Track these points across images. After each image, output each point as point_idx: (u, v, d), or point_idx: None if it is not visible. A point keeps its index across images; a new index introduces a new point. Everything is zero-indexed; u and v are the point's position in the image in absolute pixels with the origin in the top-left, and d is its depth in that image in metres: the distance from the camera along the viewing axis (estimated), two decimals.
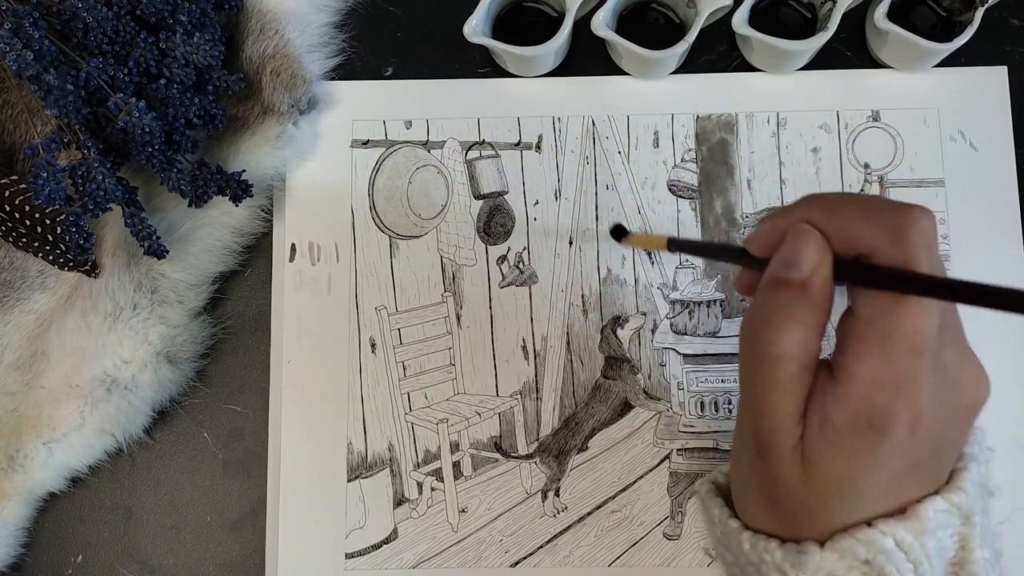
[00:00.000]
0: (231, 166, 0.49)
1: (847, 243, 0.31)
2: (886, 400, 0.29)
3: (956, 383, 0.31)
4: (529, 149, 0.52)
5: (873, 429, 0.29)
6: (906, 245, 0.29)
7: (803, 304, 0.31)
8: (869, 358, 0.29)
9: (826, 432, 0.30)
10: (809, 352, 0.31)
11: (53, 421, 0.47)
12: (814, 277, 0.30)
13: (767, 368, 0.31)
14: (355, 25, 0.53)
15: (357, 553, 0.48)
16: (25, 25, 0.42)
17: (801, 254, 0.31)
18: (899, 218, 0.30)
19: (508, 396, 0.50)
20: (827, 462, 0.30)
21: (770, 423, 0.31)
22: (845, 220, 0.31)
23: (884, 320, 0.29)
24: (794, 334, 0.30)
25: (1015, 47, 0.52)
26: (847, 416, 0.30)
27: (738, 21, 0.48)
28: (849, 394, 0.30)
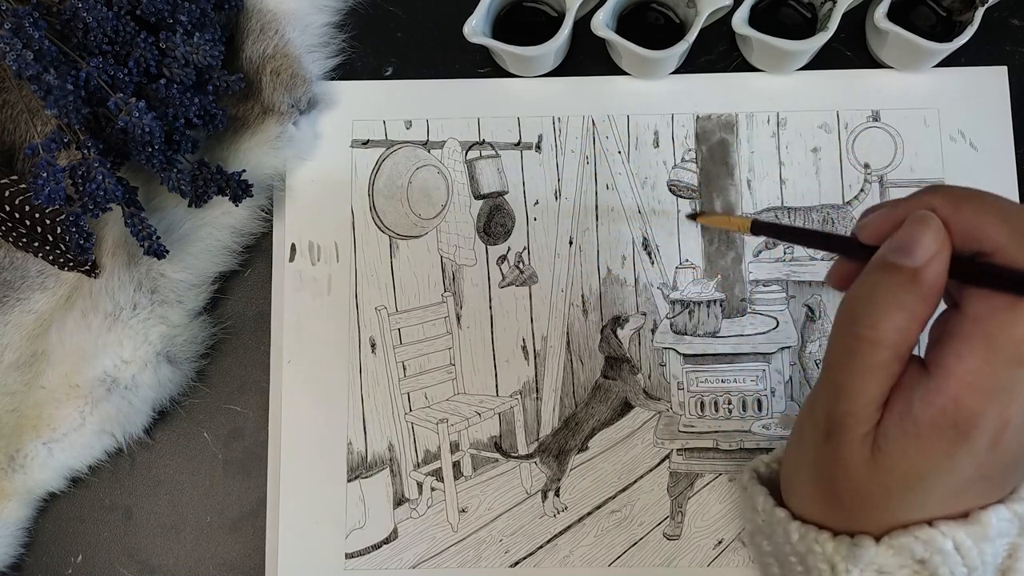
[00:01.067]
0: (231, 166, 0.49)
1: (969, 238, 0.30)
2: (978, 403, 0.28)
3: None
4: (529, 149, 0.52)
5: (957, 430, 0.29)
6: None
7: (911, 292, 0.29)
8: (970, 358, 0.29)
9: (905, 424, 0.29)
10: (907, 342, 0.30)
11: (53, 421, 0.47)
12: (928, 268, 0.29)
13: (860, 350, 0.30)
14: (355, 25, 0.53)
15: (357, 553, 0.48)
16: (25, 25, 0.42)
17: (918, 242, 0.29)
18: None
19: (508, 396, 0.50)
20: (900, 454, 0.29)
21: (848, 405, 0.30)
22: (972, 215, 0.30)
23: (994, 322, 0.28)
24: (895, 320, 0.29)
25: (1015, 47, 0.52)
26: (933, 412, 0.29)
27: (738, 21, 0.48)
28: (941, 390, 0.29)
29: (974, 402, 0.28)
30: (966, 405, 0.28)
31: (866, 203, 0.51)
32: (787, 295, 0.50)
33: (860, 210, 0.51)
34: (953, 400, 0.29)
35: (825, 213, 0.51)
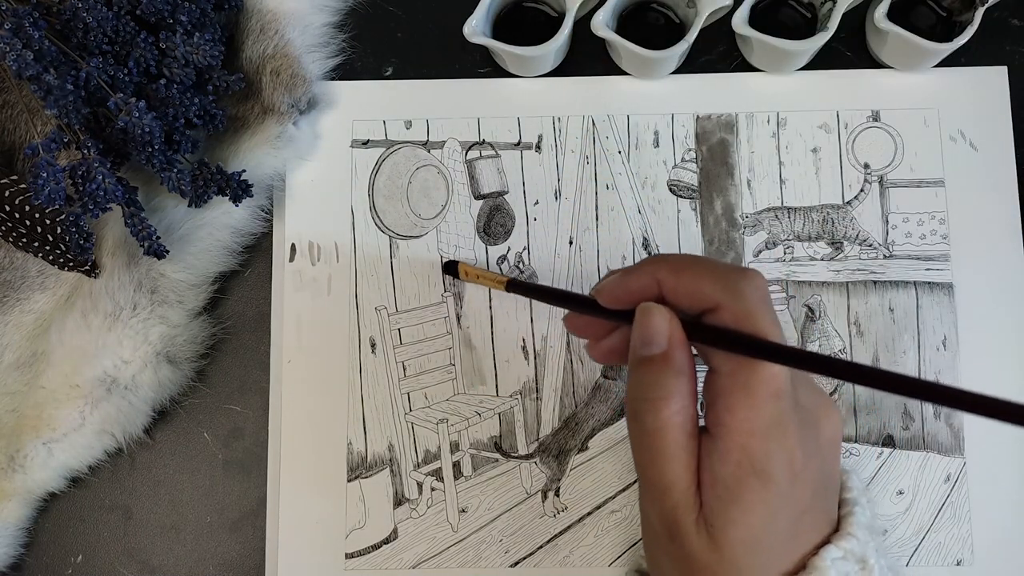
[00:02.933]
0: (231, 166, 0.49)
1: (695, 300, 0.33)
2: (762, 445, 0.31)
3: (814, 420, 0.33)
4: (529, 149, 0.52)
5: (758, 477, 0.31)
6: (745, 301, 0.32)
7: (670, 374, 0.33)
8: (738, 408, 0.31)
9: (719, 491, 0.32)
10: (689, 418, 0.33)
11: (53, 421, 0.47)
12: (672, 346, 0.33)
13: (657, 443, 0.32)
14: (355, 25, 0.53)
15: (357, 553, 0.48)
16: (25, 25, 0.42)
17: (654, 329, 0.33)
18: (737, 277, 0.32)
19: (508, 396, 0.50)
20: (728, 523, 0.31)
21: (671, 500, 0.32)
22: (691, 279, 0.33)
23: (743, 372, 0.31)
24: (671, 405, 0.32)
25: (1015, 47, 0.52)
26: (732, 468, 0.31)
27: (738, 21, 0.48)
28: (729, 447, 0.31)
29: (759, 445, 0.31)
30: (754, 450, 0.31)
31: (866, 203, 0.51)
32: (787, 295, 0.50)
33: (860, 210, 0.51)
34: (742, 450, 0.31)
35: (825, 213, 0.51)
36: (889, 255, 0.50)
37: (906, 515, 0.48)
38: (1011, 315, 0.49)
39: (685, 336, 0.33)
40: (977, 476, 0.48)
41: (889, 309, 0.50)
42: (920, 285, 0.50)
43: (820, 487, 0.33)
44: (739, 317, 0.32)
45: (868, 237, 0.50)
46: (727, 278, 0.32)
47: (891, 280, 0.50)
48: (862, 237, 0.50)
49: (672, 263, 0.34)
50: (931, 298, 0.50)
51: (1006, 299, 0.49)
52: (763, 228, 0.51)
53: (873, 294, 0.50)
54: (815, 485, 0.32)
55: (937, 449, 0.48)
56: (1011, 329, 0.49)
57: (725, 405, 0.32)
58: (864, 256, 0.50)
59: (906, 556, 0.47)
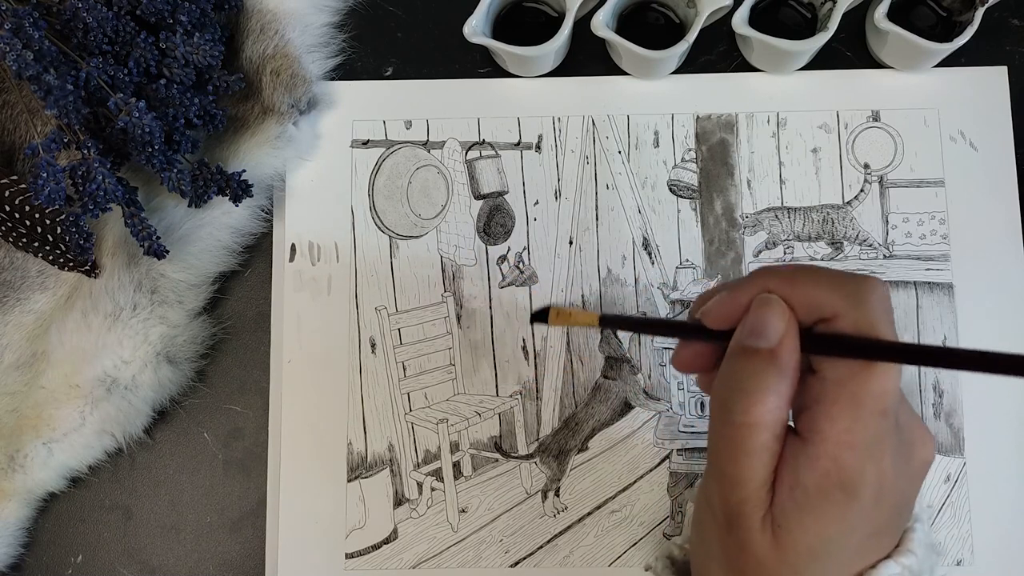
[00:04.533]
0: (231, 166, 0.49)
1: (809, 310, 0.32)
2: (856, 460, 0.30)
3: (910, 443, 0.32)
4: (529, 149, 0.52)
5: (843, 490, 0.30)
6: (868, 309, 0.30)
7: (773, 372, 0.31)
8: (840, 419, 0.30)
9: (797, 496, 0.31)
10: (780, 420, 0.31)
11: (53, 421, 0.47)
12: (783, 345, 0.31)
13: (741, 437, 0.31)
14: (355, 25, 0.53)
15: (357, 553, 0.48)
16: (25, 25, 0.42)
17: (768, 323, 0.31)
18: (860, 285, 0.31)
19: (508, 396, 0.50)
20: (799, 528, 0.31)
21: (741, 493, 0.31)
22: (807, 288, 0.32)
23: (852, 382, 0.30)
24: (767, 403, 0.31)
25: (1015, 47, 0.52)
26: (818, 477, 0.30)
27: (738, 21, 0.48)
28: (820, 455, 0.30)
29: (853, 459, 0.30)
30: (847, 464, 0.30)
31: (866, 203, 0.51)
32: None
33: (860, 210, 0.51)
34: (834, 461, 0.30)
35: (825, 213, 0.51)
36: (889, 255, 0.50)
37: None
38: (1011, 315, 0.49)
39: (798, 337, 0.31)
40: (977, 476, 0.48)
41: None
42: (920, 285, 0.50)
43: (898, 510, 0.32)
44: (861, 327, 0.30)
45: (868, 237, 0.50)
46: (847, 286, 0.31)
47: (891, 280, 0.50)
48: (862, 237, 0.50)
49: (783, 274, 0.32)
50: (931, 298, 0.50)
51: (1006, 299, 0.49)
52: (763, 228, 0.51)
53: None
54: (895, 507, 0.31)
55: (937, 449, 0.48)
56: (1011, 329, 0.49)
57: (826, 413, 0.30)
58: (864, 256, 0.50)
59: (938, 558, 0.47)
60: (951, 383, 0.49)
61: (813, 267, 0.32)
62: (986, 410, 0.49)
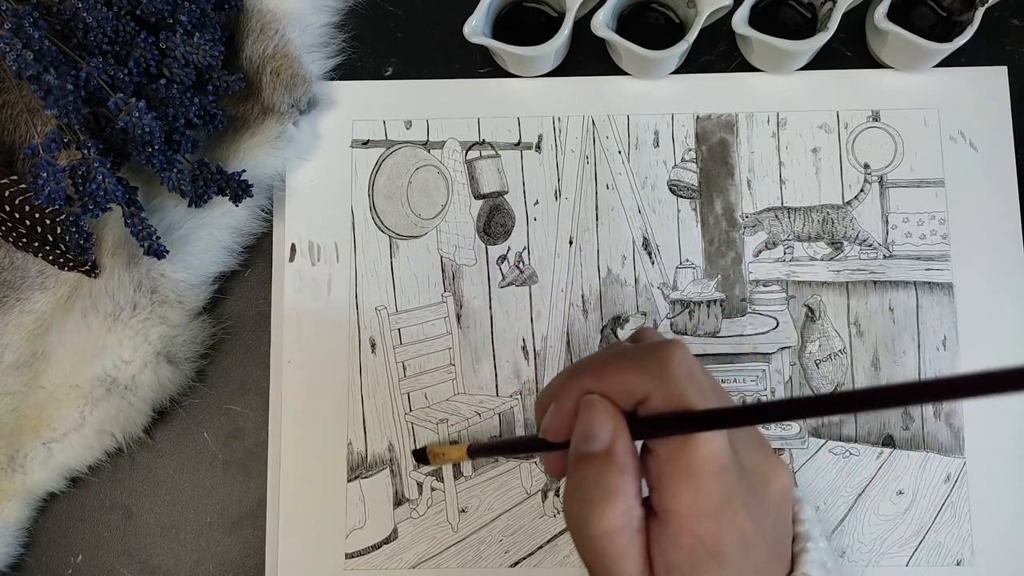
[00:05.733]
0: (231, 166, 0.49)
1: (625, 396, 0.32)
2: (713, 527, 0.30)
3: (762, 480, 0.32)
4: (529, 149, 0.52)
5: (712, 557, 0.30)
6: (669, 381, 0.31)
7: (614, 473, 0.31)
8: (682, 494, 0.30)
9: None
10: (635, 517, 0.31)
11: (53, 421, 0.47)
12: (615, 443, 0.31)
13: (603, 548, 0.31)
14: (355, 25, 0.53)
15: (357, 553, 0.48)
16: (25, 25, 0.42)
17: (597, 425, 0.32)
18: (656, 358, 0.31)
19: (508, 396, 0.50)
20: None
21: None
22: (615, 377, 0.32)
23: (681, 455, 0.30)
24: (616, 507, 0.31)
25: (1015, 47, 0.52)
26: (685, 553, 0.31)
27: (738, 21, 0.48)
28: (679, 532, 0.31)
29: (709, 527, 0.30)
30: (706, 533, 0.30)
31: (866, 203, 0.51)
32: (787, 295, 0.50)
33: (860, 210, 0.51)
34: (693, 535, 0.30)
35: (825, 213, 0.51)
36: (889, 255, 0.50)
37: (906, 515, 0.48)
38: (1011, 315, 0.49)
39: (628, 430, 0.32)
40: (977, 476, 0.48)
41: (889, 309, 0.50)
42: (920, 285, 0.50)
43: (773, 543, 0.32)
44: (669, 399, 0.31)
45: (868, 237, 0.50)
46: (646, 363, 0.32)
47: (891, 280, 0.50)
48: (862, 237, 0.50)
49: (592, 369, 0.33)
50: (931, 298, 0.50)
51: (1006, 299, 0.49)
52: (763, 228, 0.51)
53: (873, 294, 0.50)
54: (769, 546, 0.32)
55: (937, 449, 0.48)
56: (1011, 329, 0.49)
57: (669, 492, 0.31)
58: (864, 256, 0.50)
59: (906, 556, 0.47)
60: None
61: (617, 353, 0.33)
62: (986, 410, 0.49)
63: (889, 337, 0.50)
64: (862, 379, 0.49)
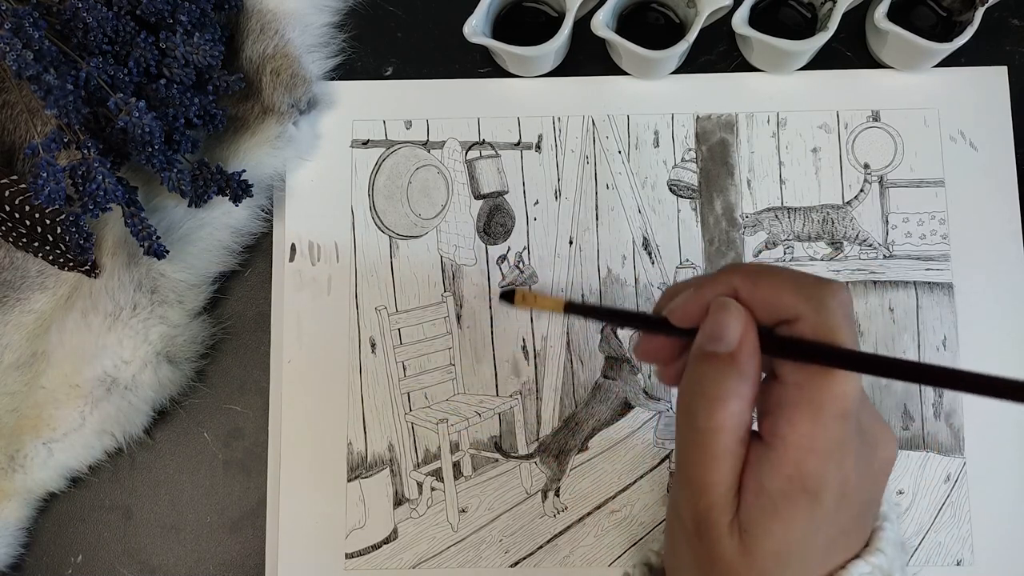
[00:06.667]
0: (231, 166, 0.49)
1: (771, 311, 0.31)
2: (819, 464, 0.30)
3: (872, 443, 0.32)
4: (529, 149, 0.52)
5: (807, 494, 0.30)
6: (828, 314, 0.30)
7: (733, 376, 0.31)
8: (800, 423, 0.30)
9: (762, 501, 0.31)
10: (743, 425, 0.31)
11: (53, 421, 0.47)
12: (741, 349, 0.31)
13: (705, 442, 0.31)
14: (355, 25, 0.53)
15: (357, 553, 0.48)
16: (25, 25, 0.42)
17: (726, 327, 0.31)
18: (821, 289, 0.31)
19: (508, 396, 0.50)
20: (765, 533, 0.31)
21: (708, 499, 0.31)
22: (769, 289, 0.31)
23: (812, 386, 0.30)
24: (728, 407, 0.31)
25: (1015, 47, 0.52)
26: (782, 482, 0.30)
27: (738, 21, 0.48)
28: (783, 460, 0.30)
29: (815, 464, 0.30)
30: (809, 468, 0.30)
31: (866, 203, 0.51)
32: None
33: (860, 210, 0.51)
34: (796, 466, 0.30)
35: (825, 213, 0.51)
36: (889, 255, 0.50)
37: (906, 515, 0.48)
38: (1011, 315, 0.49)
39: (757, 340, 0.31)
40: (977, 476, 0.48)
41: (889, 309, 0.50)
42: (920, 285, 0.50)
43: (864, 510, 0.32)
44: (820, 330, 0.30)
45: (868, 237, 0.50)
46: (809, 289, 0.31)
47: (891, 280, 0.50)
48: (862, 237, 0.50)
49: (748, 272, 0.32)
50: (931, 298, 0.50)
51: (1006, 299, 0.49)
52: (763, 228, 0.51)
53: (873, 294, 0.50)
54: (860, 508, 0.32)
55: (937, 449, 0.48)
56: (1011, 329, 0.49)
57: (787, 418, 0.30)
58: (864, 256, 0.50)
59: (906, 556, 0.47)
60: None
61: (778, 268, 0.32)
62: (986, 410, 0.49)
63: (889, 337, 0.50)
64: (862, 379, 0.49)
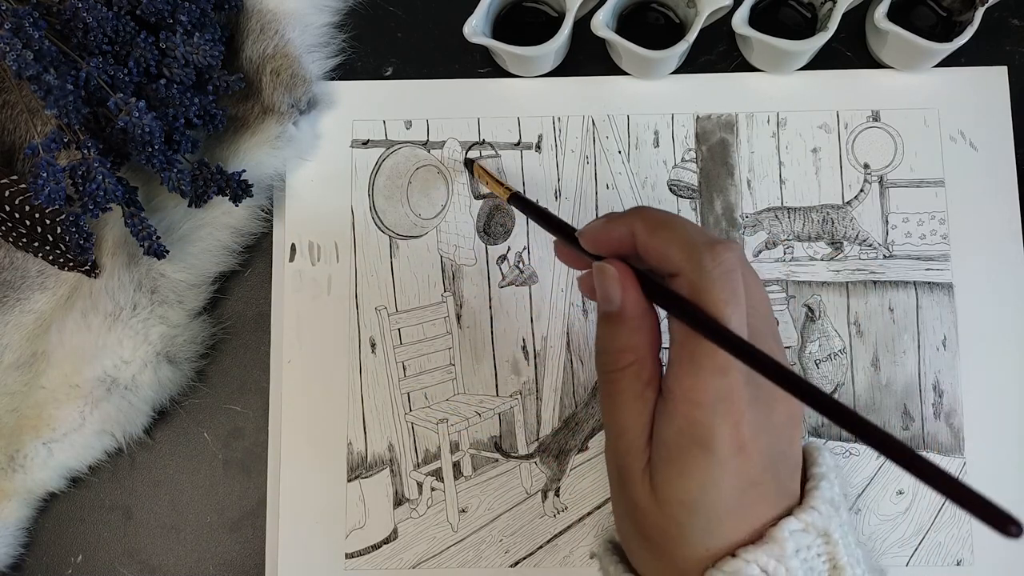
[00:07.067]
0: (231, 166, 0.49)
1: (661, 262, 0.33)
2: (705, 416, 0.31)
3: (770, 397, 0.32)
4: (529, 149, 0.52)
5: (699, 445, 0.31)
6: (703, 274, 0.31)
7: (624, 330, 0.34)
8: (684, 377, 0.31)
9: (661, 451, 0.32)
10: (645, 370, 0.34)
11: (53, 421, 0.47)
12: (624, 307, 0.34)
13: (612, 391, 0.34)
14: (355, 25, 0.53)
15: (357, 553, 0.48)
16: (25, 25, 0.42)
17: (608, 289, 0.34)
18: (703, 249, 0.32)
19: (508, 396, 0.50)
20: (666, 482, 0.32)
21: (623, 444, 0.33)
22: (660, 241, 0.33)
23: (690, 341, 0.31)
24: (626, 357, 0.34)
25: (1015, 47, 0.52)
26: (674, 434, 0.31)
27: (738, 21, 0.48)
28: (674, 412, 0.31)
29: (702, 416, 0.31)
30: (696, 420, 0.31)
31: (866, 203, 0.51)
32: (787, 295, 0.50)
33: (860, 210, 0.51)
34: (685, 418, 0.31)
35: (825, 213, 0.51)
36: (889, 255, 0.50)
37: (906, 515, 0.48)
38: (1011, 315, 0.49)
39: (641, 295, 0.34)
40: (977, 476, 0.48)
41: (889, 309, 0.50)
42: (920, 285, 0.50)
43: (771, 462, 0.32)
44: (695, 289, 0.31)
45: (868, 237, 0.50)
46: (692, 247, 0.32)
47: (891, 280, 0.50)
48: (862, 237, 0.50)
49: (647, 219, 0.34)
50: (931, 298, 0.50)
51: (1006, 299, 0.49)
52: (763, 228, 0.51)
53: (873, 294, 0.50)
54: (765, 460, 0.32)
55: (937, 449, 0.48)
56: (1011, 329, 0.49)
57: (673, 372, 0.32)
58: (864, 256, 0.50)
59: (906, 556, 0.47)
60: (951, 383, 0.49)
61: (677, 220, 0.34)
62: (986, 410, 0.49)
63: (889, 337, 0.50)
64: (862, 379, 0.49)
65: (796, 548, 0.31)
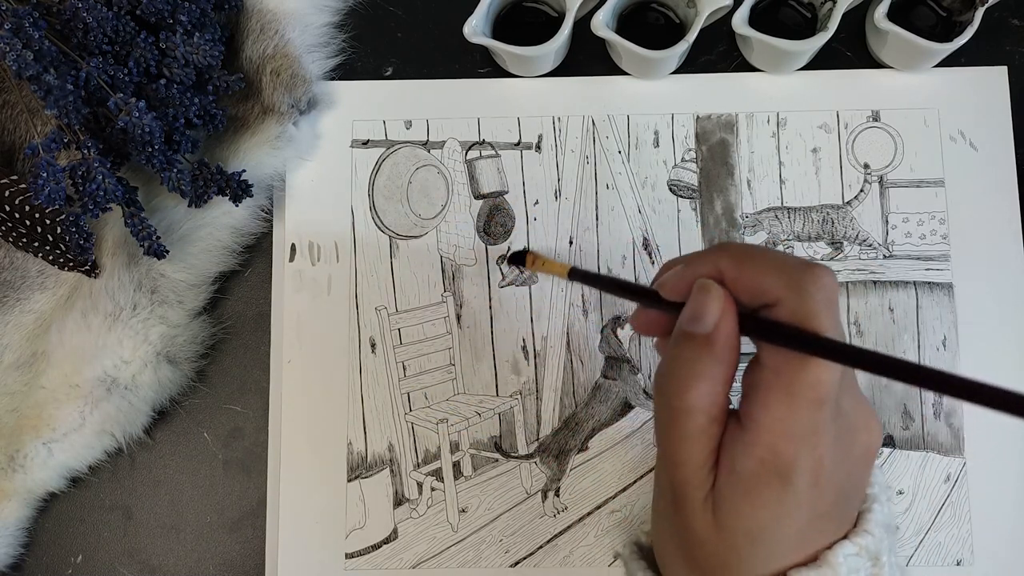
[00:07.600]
0: (231, 166, 0.49)
1: (754, 293, 0.32)
2: (790, 449, 0.30)
3: (853, 429, 0.32)
4: (529, 149, 0.52)
5: (779, 477, 0.30)
6: (807, 299, 0.30)
7: (707, 358, 0.32)
8: (775, 407, 0.30)
9: (734, 480, 0.31)
10: (716, 405, 0.32)
11: (53, 421, 0.47)
12: (718, 331, 0.32)
13: (677, 421, 0.32)
14: (355, 25, 0.53)
15: (357, 553, 0.48)
16: (25, 25, 0.42)
17: (705, 308, 0.32)
18: (803, 273, 0.31)
19: (508, 396, 0.50)
20: (736, 512, 0.31)
21: (682, 474, 0.32)
22: (753, 271, 0.32)
23: (788, 371, 0.30)
24: (701, 387, 0.31)
25: (1015, 47, 0.52)
26: (754, 464, 0.31)
27: (738, 21, 0.48)
28: (756, 442, 0.31)
29: (787, 448, 0.30)
30: (781, 452, 0.30)
31: (866, 203, 0.51)
32: None
33: (860, 210, 0.51)
34: (768, 449, 0.30)
35: (825, 213, 0.51)
36: (889, 255, 0.50)
37: (906, 515, 0.48)
38: (1011, 315, 0.49)
39: (736, 323, 0.32)
40: (977, 476, 0.48)
41: (889, 309, 0.50)
42: (920, 285, 0.50)
43: (843, 495, 0.32)
44: (799, 315, 0.30)
45: (868, 237, 0.50)
46: (791, 274, 0.31)
47: (891, 280, 0.50)
48: (862, 237, 0.50)
49: (735, 253, 0.32)
50: (931, 298, 0.50)
51: (1006, 299, 0.49)
52: (763, 228, 0.51)
53: (873, 294, 0.50)
54: (838, 492, 0.31)
55: (937, 449, 0.48)
56: (1011, 329, 0.49)
57: (762, 401, 0.30)
58: (864, 256, 0.50)
59: (906, 556, 0.47)
60: None
61: (765, 251, 0.33)
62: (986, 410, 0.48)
63: (889, 337, 0.50)
64: (862, 379, 0.49)
65: (848, 571, 0.31)
